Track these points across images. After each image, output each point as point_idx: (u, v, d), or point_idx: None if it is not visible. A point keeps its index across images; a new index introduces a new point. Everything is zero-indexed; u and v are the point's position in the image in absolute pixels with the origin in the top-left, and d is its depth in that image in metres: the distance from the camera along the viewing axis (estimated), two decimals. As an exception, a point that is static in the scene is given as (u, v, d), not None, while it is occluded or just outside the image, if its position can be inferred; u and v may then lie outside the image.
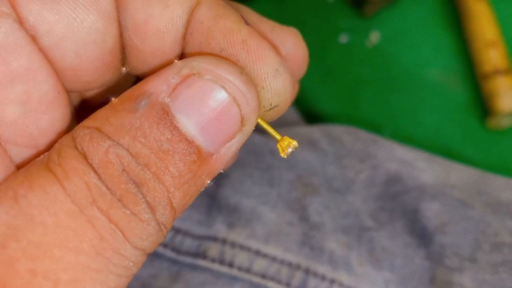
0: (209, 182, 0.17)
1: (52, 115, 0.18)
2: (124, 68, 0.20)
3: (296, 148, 0.19)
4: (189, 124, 0.16)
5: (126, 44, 0.19)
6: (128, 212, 0.16)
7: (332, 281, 0.30)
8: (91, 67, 0.18)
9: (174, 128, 0.16)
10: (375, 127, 0.45)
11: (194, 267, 0.30)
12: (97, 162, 0.16)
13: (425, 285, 0.30)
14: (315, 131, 0.35)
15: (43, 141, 0.18)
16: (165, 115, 0.16)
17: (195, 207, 0.31)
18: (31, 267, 0.15)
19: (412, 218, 0.32)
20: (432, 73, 0.48)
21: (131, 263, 0.16)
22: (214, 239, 0.30)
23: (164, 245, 0.30)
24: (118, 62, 0.19)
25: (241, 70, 0.17)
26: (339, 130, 0.36)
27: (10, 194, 0.16)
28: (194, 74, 0.16)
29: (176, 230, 0.31)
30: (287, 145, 0.19)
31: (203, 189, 0.18)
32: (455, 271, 0.30)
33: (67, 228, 0.15)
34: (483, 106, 0.47)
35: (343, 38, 0.49)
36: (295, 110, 0.42)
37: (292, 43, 0.21)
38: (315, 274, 0.30)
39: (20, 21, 0.17)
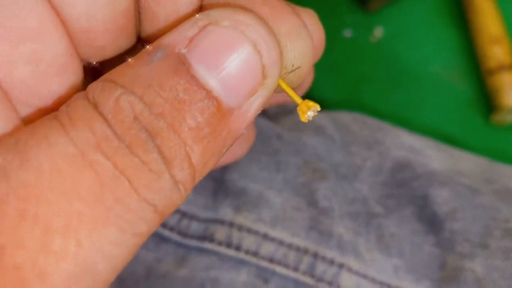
0: (231, 143, 0.16)
1: (63, 79, 0.18)
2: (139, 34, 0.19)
3: (317, 112, 0.18)
4: (206, 74, 0.15)
5: (141, 7, 0.18)
6: (136, 160, 0.15)
7: (341, 266, 0.29)
8: (104, 29, 0.18)
9: (191, 77, 0.15)
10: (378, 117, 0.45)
11: (201, 251, 0.29)
12: (107, 109, 0.15)
13: (435, 271, 0.30)
14: (322, 118, 0.35)
15: (53, 104, 0.18)
16: (181, 64, 0.15)
17: (201, 191, 0.31)
18: (21, 208, 0.14)
19: (422, 204, 0.31)
20: (436, 69, 0.48)
21: (138, 218, 0.15)
22: (221, 222, 0.30)
23: (171, 228, 0.30)
24: (133, 27, 0.19)
25: (261, 17, 0.16)
26: (346, 117, 0.36)
27: (11, 141, 0.15)
28: (211, 23, 0.16)
29: (182, 214, 0.30)
30: (308, 109, 0.18)
31: (225, 150, 0.16)
32: (466, 258, 0.29)
33: (64, 172, 0.14)
34: (487, 102, 0.47)
35: (347, 33, 0.49)
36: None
37: (309, 24, 0.21)
38: (324, 259, 0.29)
39: None
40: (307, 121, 0.18)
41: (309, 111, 0.18)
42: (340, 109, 0.46)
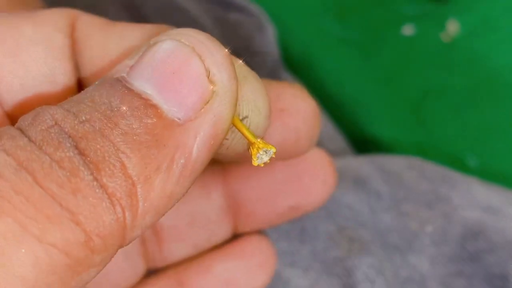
0: (185, 163, 0.19)
1: None
2: None
3: (272, 157, 0.21)
4: (142, 84, 0.19)
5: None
6: (44, 156, 0.17)
7: None
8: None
9: (127, 88, 0.19)
10: (453, 156, 0.46)
11: None
12: (25, 122, 0.18)
13: None
14: (364, 165, 0.37)
15: None
16: (118, 81, 0.19)
17: None
18: None
19: (500, 286, 0.33)
20: (535, 77, 0.48)
21: (50, 223, 0.17)
22: None
23: None
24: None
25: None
26: (397, 163, 0.37)
27: None
28: (150, 46, 0.20)
29: None
30: (260, 150, 0.21)
31: (178, 170, 0.19)
32: None
33: None
34: None
35: (408, 30, 0.50)
36: (340, 134, 0.43)
37: (291, 95, 0.25)
38: None
39: None
40: (257, 165, 0.21)
41: (260, 153, 0.21)
42: (397, 139, 0.47)
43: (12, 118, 0.23)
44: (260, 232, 0.30)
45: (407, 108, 0.48)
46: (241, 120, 0.21)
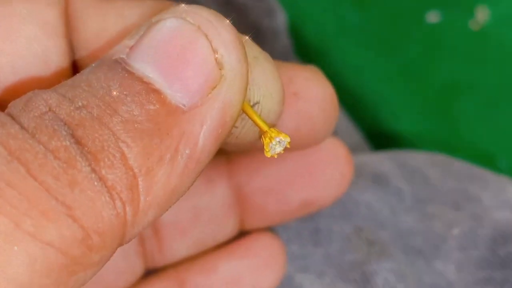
0: (189, 153, 0.18)
1: None
2: None
3: (286, 147, 0.21)
4: (145, 68, 0.18)
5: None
6: (38, 145, 0.17)
7: None
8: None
9: (126, 71, 0.18)
10: (482, 156, 0.45)
11: None
12: (16, 107, 0.18)
13: None
14: (384, 161, 0.36)
15: None
16: (117, 64, 0.19)
17: None
18: None
19: (535, 295, 0.31)
20: None
21: (45, 218, 0.16)
22: None
23: None
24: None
25: None
26: (420, 160, 0.36)
27: None
28: (151, 25, 0.19)
29: None
30: (273, 140, 0.21)
31: (183, 161, 0.18)
32: None
33: None
34: None
35: (433, 17, 0.49)
36: (356, 129, 0.43)
37: (305, 78, 0.25)
38: None
39: None
40: (269, 156, 0.20)
41: (273, 143, 0.20)
42: (421, 136, 0.46)
43: (2, 103, 0.21)
44: (268, 229, 0.30)
45: (431, 102, 0.48)
46: (252, 106, 0.21)
